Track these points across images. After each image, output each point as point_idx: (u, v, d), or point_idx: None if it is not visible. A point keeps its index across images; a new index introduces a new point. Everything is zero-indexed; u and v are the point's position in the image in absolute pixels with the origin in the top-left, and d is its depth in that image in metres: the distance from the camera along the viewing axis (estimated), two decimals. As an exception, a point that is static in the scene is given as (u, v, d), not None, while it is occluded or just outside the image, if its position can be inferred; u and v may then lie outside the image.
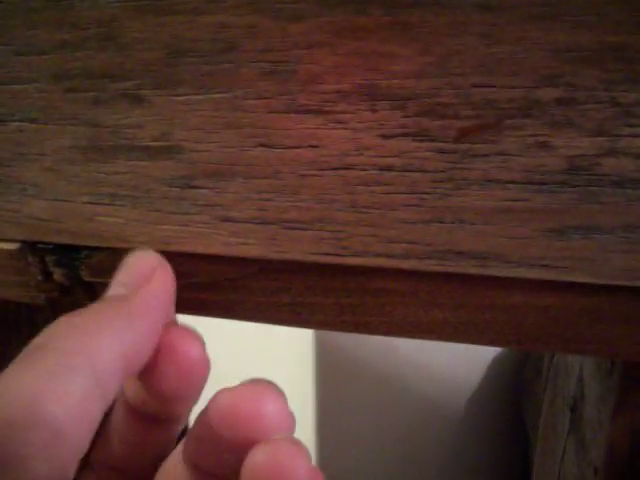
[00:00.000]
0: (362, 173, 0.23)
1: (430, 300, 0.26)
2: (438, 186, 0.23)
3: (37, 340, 0.22)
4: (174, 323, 0.26)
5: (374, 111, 0.23)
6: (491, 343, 0.26)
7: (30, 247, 0.29)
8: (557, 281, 0.24)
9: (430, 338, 0.26)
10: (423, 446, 1.54)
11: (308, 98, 0.23)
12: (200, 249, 0.26)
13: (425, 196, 0.23)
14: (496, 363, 1.46)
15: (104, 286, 0.28)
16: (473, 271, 0.24)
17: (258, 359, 1.06)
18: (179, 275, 0.26)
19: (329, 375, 1.52)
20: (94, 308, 0.23)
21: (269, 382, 0.24)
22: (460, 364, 1.46)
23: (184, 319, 0.27)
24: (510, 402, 1.44)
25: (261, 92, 0.24)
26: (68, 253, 0.29)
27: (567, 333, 0.25)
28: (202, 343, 0.25)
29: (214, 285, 0.27)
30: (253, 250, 0.25)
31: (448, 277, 0.25)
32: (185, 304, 0.27)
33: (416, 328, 0.26)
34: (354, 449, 1.56)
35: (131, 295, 0.24)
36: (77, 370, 0.21)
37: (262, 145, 0.24)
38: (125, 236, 0.27)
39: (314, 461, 0.23)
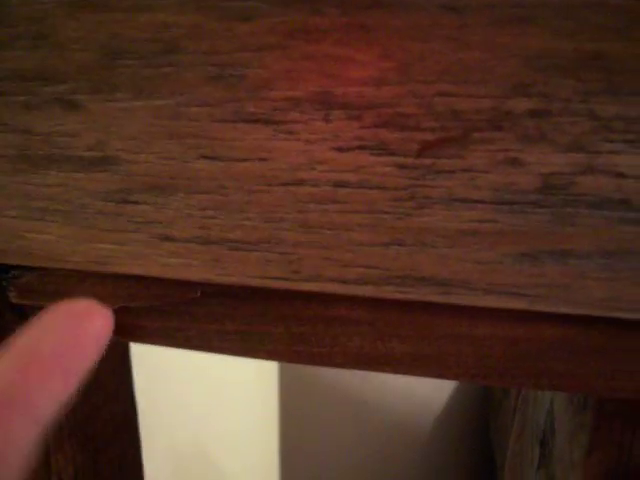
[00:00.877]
0: (314, 189, 0.21)
1: (388, 330, 0.24)
2: (398, 205, 0.21)
3: None
4: None
5: (328, 121, 0.21)
6: (455, 377, 0.24)
7: None
8: (528, 310, 0.22)
9: (388, 371, 0.24)
10: (388, 465, 1.53)
11: (257, 106, 0.21)
12: (138, 270, 0.24)
13: (384, 216, 0.21)
14: (462, 382, 1.45)
15: (34, 309, 0.26)
16: (435, 299, 0.22)
17: (224, 382, 1.04)
18: (115, 298, 0.24)
19: (292, 394, 1.51)
20: None
21: None
22: (426, 381, 1.44)
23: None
24: (477, 420, 1.43)
25: (205, 98, 0.22)
26: (-3, 273, 0.26)
27: (538, 367, 0.23)
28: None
29: (153, 310, 0.25)
30: (195, 272, 0.23)
31: (408, 305, 0.23)
32: (122, 330, 0.25)
33: (373, 360, 0.24)
34: (318, 468, 1.55)
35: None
36: None
37: (206, 157, 0.22)
38: (56, 255, 0.25)
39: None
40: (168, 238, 0.23)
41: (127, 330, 0.26)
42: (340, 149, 0.21)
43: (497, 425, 1.19)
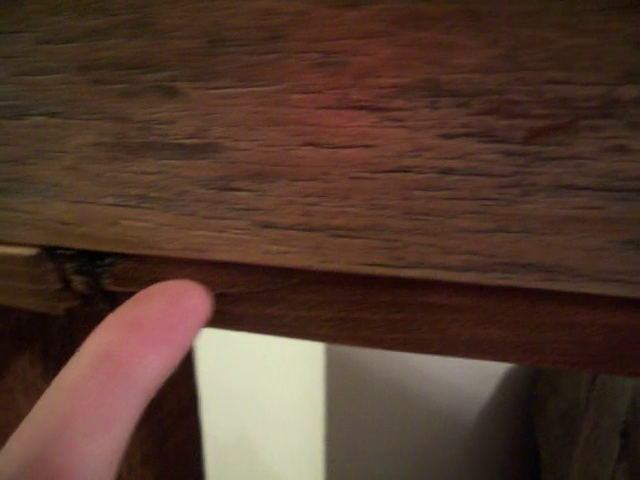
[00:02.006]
0: (419, 176, 0.22)
1: (488, 317, 0.24)
2: (504, 192, 0.22)
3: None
4: None
5: (435, 108, 0.21)
6: (553, 365, 0.24)
7: (48, 253, 0.28)
8: (629, 297, 0.22)
9: (486, 358, 0.25)
10: (433, 459, 1.54)
11: (361, 93, 0.22)
12: (237, 257, 0.24)
13: (489, 203, 0.22)
14: (507, 378, 1.45)
15: (127, 296, 0.26)
16: (539, 285, 0.22)
17: (268, 371, 1.04)
18: (213, 285, 0.25)
19: (339, 386, 1.52)
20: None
21: None
22: (471, 377, 1.45)
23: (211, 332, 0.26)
24: (521, 417, 1.43)
25: (309, 86, 0.22)
26: (90, 260, 0.27)
27: (639, 355, 0.23)
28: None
29: (250, 297, 0.26)
30: (296, 259, 0.24)
31: (508, 292, 0.23)
32: (217, 318, 0.26)
33: (471, 347, 0.24)
34: (364, 461, 1.56)
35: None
36: None
37: (309, 144, 0.23)
38: (154, 242, 0.25)
39: (323, 473, 0.22)
40: (269, 225, 0.24)
41: (221, 318, 0.26)
42: (446, 136, 0.22)
43: (542, 423, 1.19)
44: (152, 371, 0.23)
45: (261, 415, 1.04)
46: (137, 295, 0.24)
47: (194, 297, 0.24)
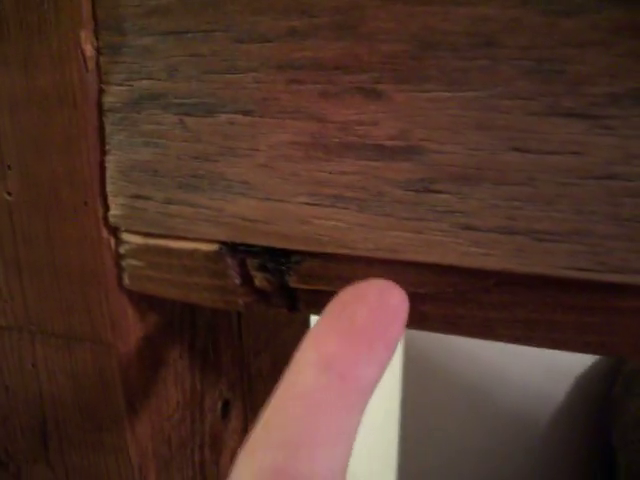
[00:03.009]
0: (629, 184, 0.22)
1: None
2: None
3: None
4: None
5: None
6: None
7: (230, 249, 0.28)
8: None
9: None
10: (503, 460, 1.54)
11: (574, 101, 0.22)
12: (434, 258, 0.25)
13: None
14: (583, 379, 1.44)
15: (307, 293, 0.27)
16: None
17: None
18: (404, 285, 0.25)
19: (414, 386, 1.53)
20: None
21: None
22: (545, 378, 1.45)
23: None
24: (597, 420, 1.43)
25: (520, 92, 0.23)
26: (275, 257, 0.28)
27: None
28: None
29: (440, 297, 0.26)
30: (495, 262, 0.24)
31: None
32: (405, 316, 0.26)
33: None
34: (434, 459, 1.57)
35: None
36: None
37: (516, 149, 0.23)
38: (347, 242, 0.26)
39: (395, 470, 0.22)
40: (470, 227, 0.24)
41: (409, 316, 0.27)
42: None
43: (619, 426, 1.18)
44: (374, 380, 0.24)
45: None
46: (340, 296, 0.25)
47: (396, 296, 0.25)
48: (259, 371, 0.43)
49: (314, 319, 0.26)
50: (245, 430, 0.43)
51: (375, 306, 0.25)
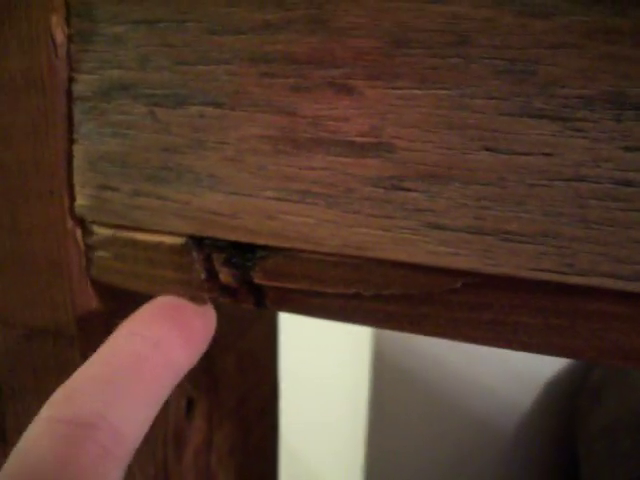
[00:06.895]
0: (597, 186, 0.23)
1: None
2: None
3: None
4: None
5: (619, 121, 0.22)
6: None
7: (196, 243, 0.29)
8: None
9: None
10: (470, 466, 1.54)
11: (545, 102, 0.23)
12: (402, 257, 0.25)
13: None
14: (550, 388, 1.45)
15: (274, 290, 0.27)
16: None
17: (315, 364, 1.05)
18: (369, 285, 0.25)
19: (384, 383, 1.53)
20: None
21: None
22: (512, 385, 1.45)
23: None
24: (562, 429, 1.43)
25: (492, 92, 0.23)
26: (240, 252, 0.28)
27: None
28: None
29: (406, 297, 0.26)
30: (464, 261, 0.25)
31: None
32: (370, 315, 0.27)
33: (628, 355, 0.25)
34: (401, 464, 1.57)
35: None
36: None
37: (487, 149, 0.24)
38: (313, 238, 0.26)
39: (364, 470, 0.24)
40: (438, 226, 0.25)
41: (374, 316, 0.27)
42: (627, 148, 0.22)
43: (585, 435, 1.19)
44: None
45: (302, 418, 1.05)
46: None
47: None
48: (224, 369, 0.43)
49: (284, 317, 0.26)
50: (209, 429, 0.43)
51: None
